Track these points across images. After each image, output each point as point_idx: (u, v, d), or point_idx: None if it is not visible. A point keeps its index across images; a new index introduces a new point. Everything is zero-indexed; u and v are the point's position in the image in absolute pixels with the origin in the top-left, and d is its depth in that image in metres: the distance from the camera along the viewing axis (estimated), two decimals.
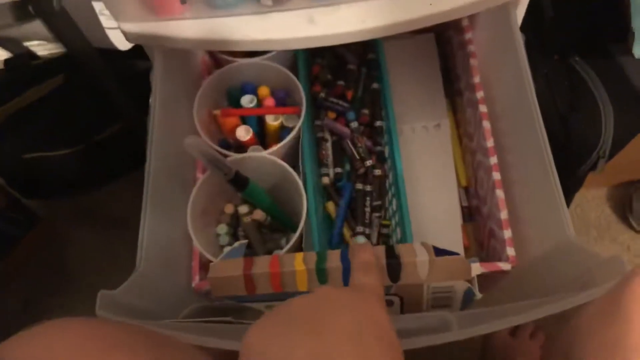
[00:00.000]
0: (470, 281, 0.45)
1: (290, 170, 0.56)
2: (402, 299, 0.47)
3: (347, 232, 0.62)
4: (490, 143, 0.57)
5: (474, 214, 0.66)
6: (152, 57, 0.55)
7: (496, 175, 0.55)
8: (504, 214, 0.54)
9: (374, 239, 0.61)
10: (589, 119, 0.66)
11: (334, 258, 0.45)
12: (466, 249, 0.64)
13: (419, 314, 0.45)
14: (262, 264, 0.44)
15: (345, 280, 0.44)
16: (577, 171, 0.71)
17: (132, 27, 0.50)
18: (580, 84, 0.68)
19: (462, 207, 0.66)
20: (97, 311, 0.39)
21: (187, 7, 0.48)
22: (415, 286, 0.45)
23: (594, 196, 0.96)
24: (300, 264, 0.44)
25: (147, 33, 0.49)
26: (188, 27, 0.49)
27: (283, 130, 0.62)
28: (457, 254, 0.44)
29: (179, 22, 0.49)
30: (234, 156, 0.57)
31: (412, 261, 0.43)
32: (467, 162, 0.67)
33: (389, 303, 0.47)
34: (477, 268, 0.46)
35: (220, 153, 0.57)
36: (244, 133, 0.60)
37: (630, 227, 0.93)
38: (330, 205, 0.63)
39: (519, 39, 0.53)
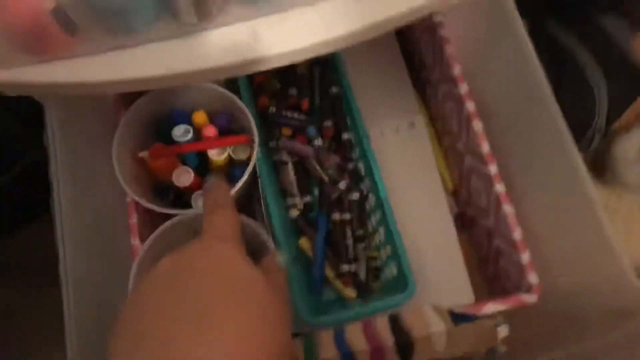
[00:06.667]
0: None
1: (254, 226, 0.44)
2: None
3: (329, 273, 0.52)
4: (486, 148, 0.47)
5: (466, 222, 0.57)
6: (44, 105, 0.41)
7: (500, 188, 0.46)
8: (517, 234, 0.45)
9: (362, 276, 0.52)
10: (578, 94, 0.58)
11: (327, 344, 0.36)
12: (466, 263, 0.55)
13: None
14: None
15: None
16: None
17: (6, 75, 0.35)
18: (562, 54, 0.59)
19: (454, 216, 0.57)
20: None
21: (79, 39, 0.34)
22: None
23: None
24: None
25: (28, 81, 0.35)
26: (85, 67, 0.35)
27: (233, 166, 0.49)
28: (477, 317, 0.37)
29: (71, 61, 0.35)
30: (184, 213, 0.44)
31: (425, 335, 0.35)
32: (451, 163, 0.57)
33: None
34: (504, 330, 0.37)
35: (155, 211, 0.44)
36: (185, 177, 0.47)
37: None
38: (305, 242, 0.53)
39: (514, 14, 0.43)
